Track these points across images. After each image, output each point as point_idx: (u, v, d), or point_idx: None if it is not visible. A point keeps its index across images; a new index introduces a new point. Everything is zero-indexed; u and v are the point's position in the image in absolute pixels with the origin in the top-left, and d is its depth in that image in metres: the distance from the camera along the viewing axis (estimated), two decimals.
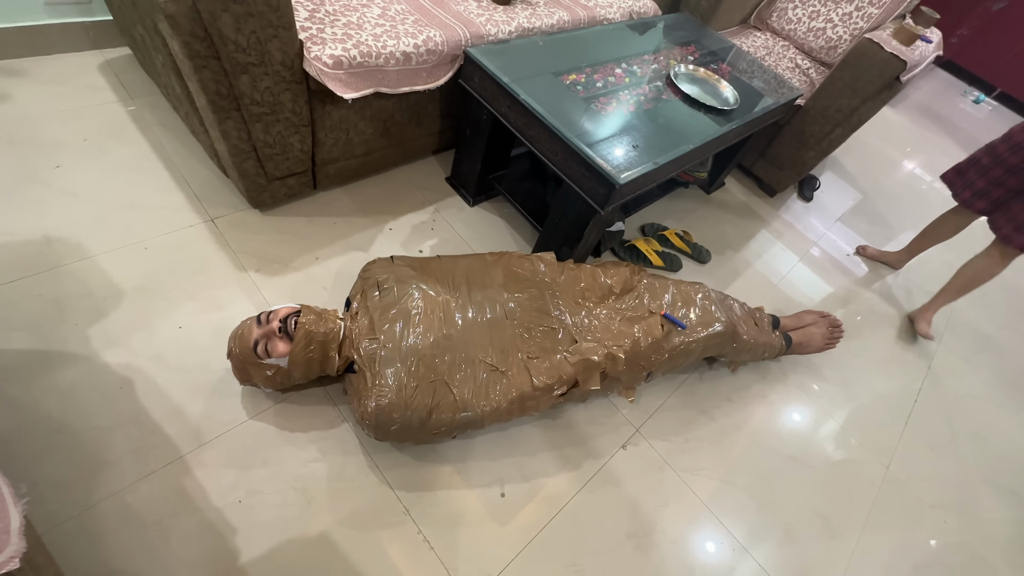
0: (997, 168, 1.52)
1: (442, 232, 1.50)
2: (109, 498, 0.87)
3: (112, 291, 1.10)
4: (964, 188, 1.63)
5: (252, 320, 0.96)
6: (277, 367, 0.94)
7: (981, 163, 1.57)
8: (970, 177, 1.60)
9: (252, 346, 0.93)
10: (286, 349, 0.93)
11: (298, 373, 0.96)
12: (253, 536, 0.89)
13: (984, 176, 1.56)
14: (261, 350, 0.93)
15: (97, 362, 1.00)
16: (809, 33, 2.05)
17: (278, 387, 0.99)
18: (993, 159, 1.53)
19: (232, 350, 0.95)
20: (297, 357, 0.93)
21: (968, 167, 1.62)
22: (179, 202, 1.29)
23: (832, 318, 1.52)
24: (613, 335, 1.13)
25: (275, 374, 0.95)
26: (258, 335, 0.93)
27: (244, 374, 0.96)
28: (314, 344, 0.94)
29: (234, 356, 0.95)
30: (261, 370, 0.95)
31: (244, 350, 0.93)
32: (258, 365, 0.94)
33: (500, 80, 1.21)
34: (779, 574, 1.12)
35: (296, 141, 1.20)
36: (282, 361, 0.93)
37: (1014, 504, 1.44)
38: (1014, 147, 1.47)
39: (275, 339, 0.93)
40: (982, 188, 1.57)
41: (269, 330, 0.93)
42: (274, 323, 0.94)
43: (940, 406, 1.62)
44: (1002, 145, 1.51)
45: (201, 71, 0.96)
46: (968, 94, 4.23)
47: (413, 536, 0.97)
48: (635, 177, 1.12)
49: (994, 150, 1.53)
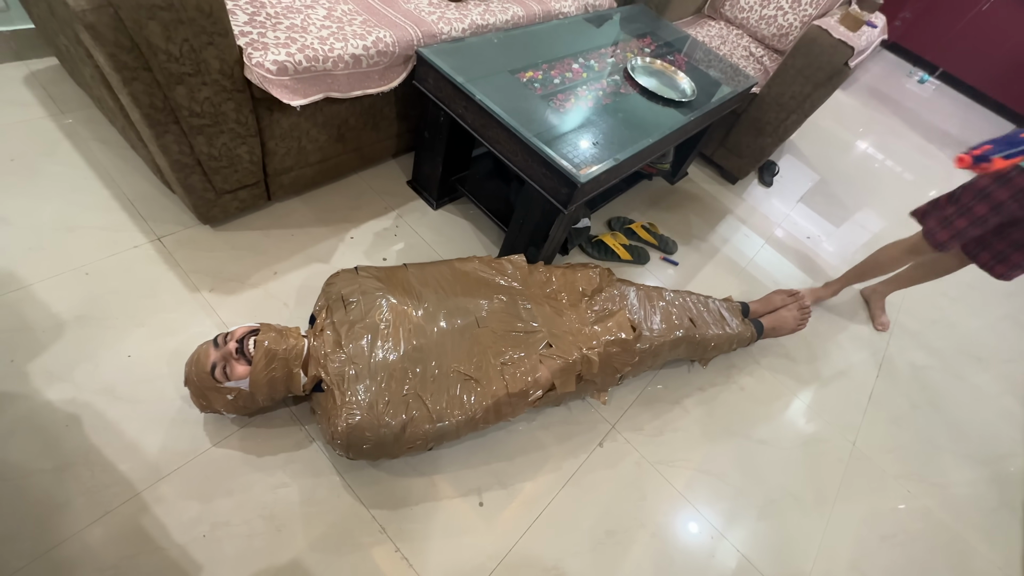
0: (982, 205, 1.32)
1: (406, 238, 1.47)
2: (60, 544, 0.82)
3: (51, 322, 1.03)
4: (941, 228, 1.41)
5: (209, 343, 0.91)
6: (238, 390, 0.90)
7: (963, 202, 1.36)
8: (951, 218, 1.39)
9: (210, 370, 0.88)
10: (245, 371, 0.89)
11: (261, 395, 0.91)
12: (220, 571, 0.86)
13: (966, 216, 1.35)
14: (219, 374, 0.88)
15: (38, 400, 0.93)
16: (761, 21, 2.09)
17: (242, 412, 0.95)
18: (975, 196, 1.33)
19: (190, 376, 0.90)
20: (258, 377, 0.89)
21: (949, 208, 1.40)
22: (121, 222, 1.22)
23: (801, 299, 1.56)
24: (586, 337, 1.13)
25: (236, 398, 0.91)
26: (215, 358, 0.89)
27: (204, 400, 0.91)
28: (275, 363, 0.90)
29: (192, 382, 0.90)
30: (221, 395, 0.90)
31: (201, 375, 0.89)
32: (218, 390, 0.89)
33: (455, 80, 1.18)
34: (756, 555, 1.15)
35: (244, 152, 1.14)
36: (243, 383, 0.89)
37: (970, 469, 1.52)
38: (1000, 179, 1.27)
39: (232, 361, 0.89)
40: (963, 228, 1.36)
41: (226, 352, 0.89)
42: (231, 344, 0.89)
43: (900, 380, 1.69)
44: (983, 179, 1.30)
45: (131, 83, 0.90)
46: (913, 74, 4.41)
47: (391, 555, 0.95)
48: (597, 175, 1.11)
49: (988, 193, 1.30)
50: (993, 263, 1.44)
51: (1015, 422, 1.72)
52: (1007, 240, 1.39)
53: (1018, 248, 1.38)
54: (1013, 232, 1.37)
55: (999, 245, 1.41)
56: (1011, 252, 1.40)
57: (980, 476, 1.51)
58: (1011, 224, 1.35)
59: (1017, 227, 1.35)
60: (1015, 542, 1.39)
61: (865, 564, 1.22)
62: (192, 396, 0.92)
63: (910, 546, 1.29)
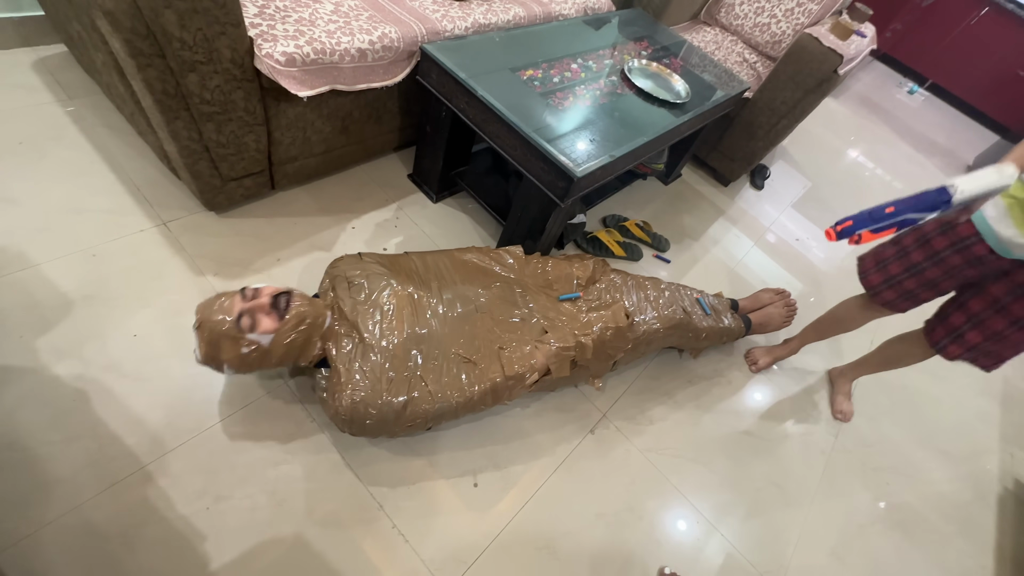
0: (919, 252, 1.14)
1: (406, 229, 1.50)
2: (68, 513, 0.84)
3: (59, 301, 1.05)
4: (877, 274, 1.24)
5: (235, 293, 0.88)
6: (258, 345, 0.86)
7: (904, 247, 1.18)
8: (888, 262, 1.21)
9: (236, 317, 0.84)
10: (272, 327, 0.86)
11: (277, 355, 0.89)
12: (224, 542, 0.88)
13: (903, 260, 1.18)
14: (245, 323, 0.85)
15: (47, 375, 0.96)
16: (755, 28, 2.14)
17: (243, 370, 0.90)
18: (918, 240, 1.15)
19: (206, 320, 0.85)
20: (283, 337, 0.88)
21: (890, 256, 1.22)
22: (128, 206, 1.24)
23: (787, 297, 1.61)
24: (581, 324, 1.17)
25: (251, 352, 0.87)
26: (244, 307, 0.85)
27: (214, 350, 0.86)
28: (303, 326, 0.90)
29: (207, 327, 0.84)
30: (237, 346, 0.85)
31: (224, 321, 0.84)
32: (236, 340, 0.85)
33: (457, 76, 1.22)
34: (739, 542, 1.19)
35: (251, 140, 1.18)
36: (264, 339, 0.87)
37: (947, 464, 1.58)
38: (944, 226, 1.09)
39: (262, 314, 0.86)
40: (896, 275, 1.19)
41: (258, 304, 0.87)
42: (264, 298, 0.88)
43: (880, 377, 1.74)
44: (931, 223, 1.12)
45: (145, 70, 0.93)
46: (903, 85, 4.51)
47: (388, 531, 0.98)
48: (593, 170, 1.15)
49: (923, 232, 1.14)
50: (947, 341, 1.20)
51: (991, 422, 1.78)
52: (965, 312, 1.15)
53: (976, 324, 1.13)
54: (971, 301, 1.14)
55: (956, 319, 1.18)
56: (968, 329, 1.15)
57: (957, 472, 1.56)
58: (968, 288, 1.14)
59: (976, 293, 1.13)
60: (988, 534, 1.44)
61: (844, 552, 1.27)
62: (200, 342, 0.85)
63: (888, 536, 1.34)
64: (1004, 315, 1.09)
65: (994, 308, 1.10)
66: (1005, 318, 1.09)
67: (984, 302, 1.12)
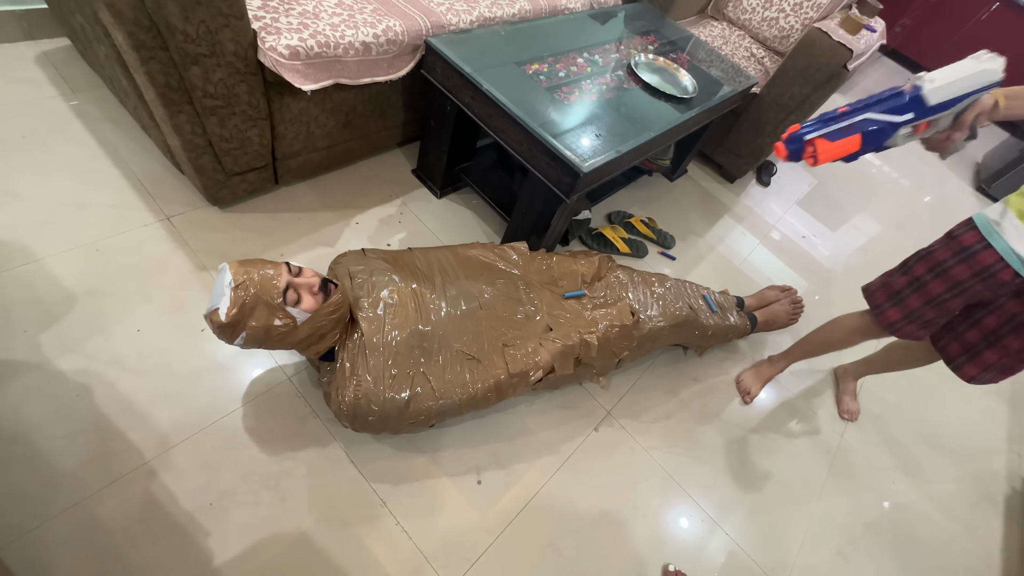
0: (938, 283, 1.06)
1: (410, 225, 1.49)
2: (71, 508, 0.84)
3: (63, 295, 1.05)
4: (892, 306, 1.15)
5: (281, 264, 0.87)
6: (292, 320, 0.86)
7: (915, 275, 1.11)
8: (903, 295, 1.13)
9: (284, 288, 0.84)
10: (312, 308, 0.87)
11: (300, 336, 0.88)
12: (227, 537, 0.88)
13: (921, 293, 1.10)
14: (290, 296, 0.84)
15: (50, 369, 0.96)
16: (763, 23, 2.12)
17: (259, 343, 0.86)
18: (933, 269, 1.07)
19: (248, 283, 0.81)
20: (317, 319, 0.87)
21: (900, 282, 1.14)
22: (131, 201, 1.24)
23: (793, 294, 1.60)
24: (586, 322, 1.16)
25: (282, 326, 0.85)
26: (291, 282, 0.85)
27: (246, 314, 0.81)
28: (336, 315, 0.90)
29: (249, 288, 0.81)
30: (272, 316, 0.83)
31: (272, 289, 0.83)
32: (274, 310, 0.83)
33: (463, 70, 1.21)
34: (745, 540, 1.19)
35: (254, 135, 1.17)
36: (301, 316, 0.86)
37: (954, 463, 1.56)
38: (961, 253, 1.02)
39: (307, 293, 0.87)
40: (917, 309, 1.11)
41: (307, 283, 0.87)
42: (313, 278, 0.88)
43: (889, 376, 1.73)
44: (944, 251, 1.05)
45: (148, 63, 0.93)
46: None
47: (391, 528, 0.98)
48: (599, 165, 1.14)
49: (933, 257, 1.07)
50: (964, 360, 1.15)
51: (999, 421, 1.76)
52: (980, 330, 1.10)
53: (993, 343, 1.09)
54: (987, 319, 1.09)
55: (971, 336, 1.12)
56: (984, 348, 1.11)
57: (963, 471, 1.55)
58: (982, 307, 1.09)
59: (990, 311, 1.08)
60: (995, 534, 1.43)
61: (849, 551, 1.26)
62: (234, 303, 0.80)
63: (893, 535, 1.33)
64: (1021, 333, 1.06)
65: (1011, 325, 1.06)
66: (1022, 336, 1.06)
67: (1000, 319, 1.07)
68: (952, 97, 0.73)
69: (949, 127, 0.78)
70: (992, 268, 0.98)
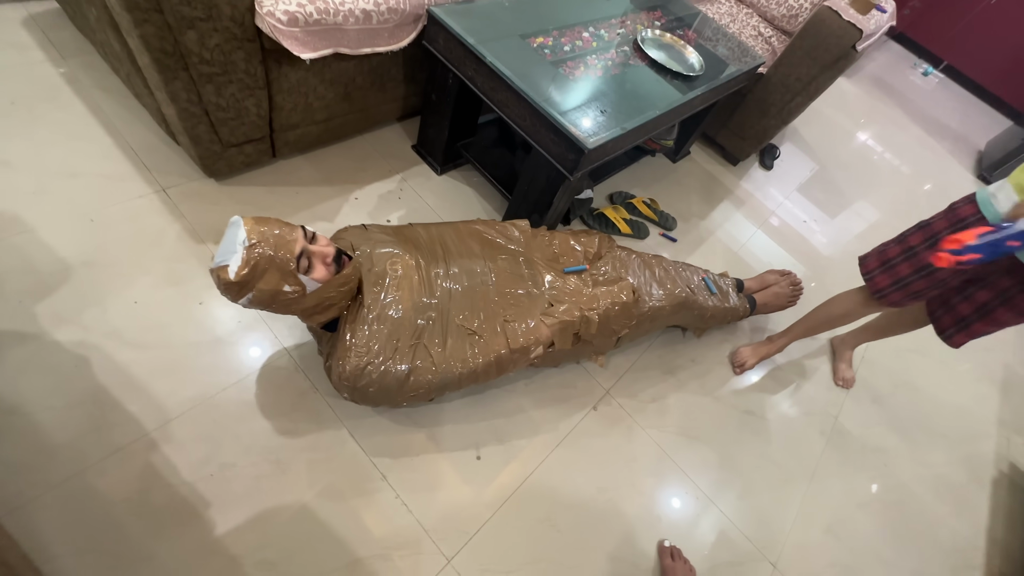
0: (929, 252, 1.08)
1: (410, 201, 1.47)
2: (73, 477, 0.84)
3: (58, 266, 1.03)
4: (883, 275, 1.18)
5: (297, 228, 0.84)
6: (302, 287, 0.83)
7: (910, 245, 1.14)
8: (894, 262, 1.16)
9: (297, 254, 0.81)
10: (324, 278, 0.85)
11: (307, 304, 0.86)
12: (228, 508, 0.89)
13: (912, 261, 1.12)
14: (303, 264, 0.82)
15: (47, 340, 0.95)
16: (771, 1, 2.07)
17: (263, 306, 0.84)
18: (928, 240, 1.11)
19: (263, 243, 0.78)
20: (327, 290, 0.86)
21: (895, 252, 1.17)
22: (126, 171, 1.21)
23: (792, 277, 1.60)
24: (587, 298, 1.15)
25: (291, 292, 0.82)
26: (306, 249, 0.83)
27: (255, 275, 0.78)
28: (345, 288, 0.89)
29: (264, 249, 0.78)
30: (282, 281, 0.81)
31: (287, 253, 0.80)
32: (285, 275, 0.81)
33: (466, 42, 1.18)
34: (738, 517, 1.21)
35: (252, 105, 1.14)
36: (312, 285, 0.84)
37: (944, 447, 1.59)
38: (956, 225, 1.05)
39: (321, 263, 0.85)
40: (905, 276, 1.14)
41: (322, 252, 0.85)
42: (328, 248, 0.86)
43: (884, 359, 1.75)
44: (941, 222, 1.09)
45: (142, 25, 0.89)
46: (917, 66, 4.40)
47: (391, 501, 0.98)
48: (603, 142, 1.12)
49: (932, 229, 1.10)
50: (955, 331, 1.20)
51: (990, 406, 1.79)
52: (972, 303, 1.13)
53: (984, 316, 1.12)
54: (979, 293, 1.12)
55: (963, 309, 1.16)
56: (975, 320, 1.14)
57: (953, 455, 1.58)
58: (976, 282, 1.12)
59: (983, 286, 1.11)
60: (981, 515, 1.46)
61: (840, 529, 1.29)
62: (246, 262, 0.77)
63: (883, 515, 1.36)
64: (1010, 307, 1.08)
65: (1001, 299, 1.09)
66: (1011, 310, 1.08)
67: (991, 293, 1.10)
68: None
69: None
70: None
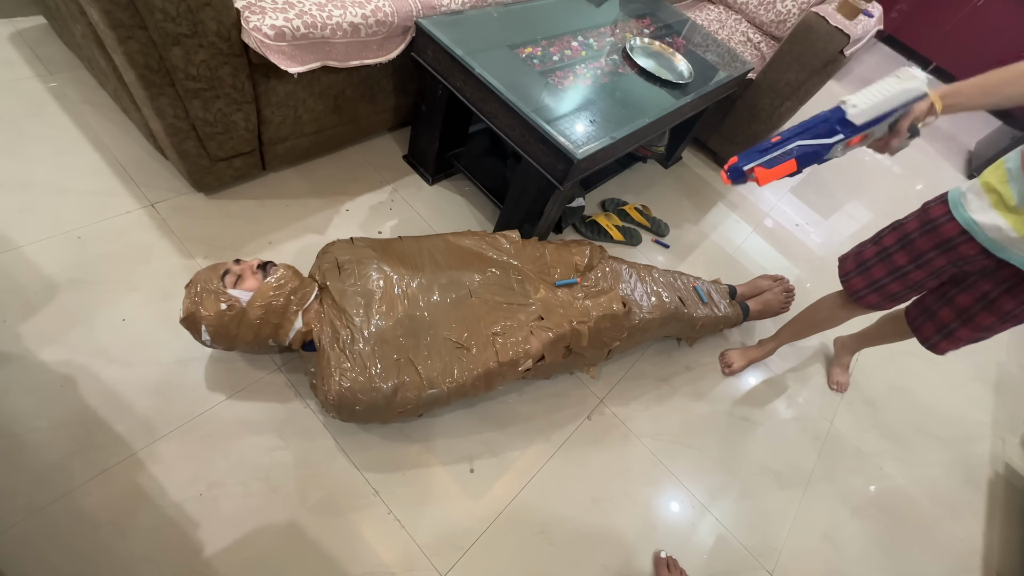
0: (902, 254, 1.07)
1: (401, 212, 1.47)
2: (57, 500, 0.83)
3: (44, 284, 1.02)
4: (859, 276, 1.17)
5: (225, 263, 0.95)
6: (236, 302, 0.89)
7: (884, 245, 1.12)
8: (869, 264, 1.15)
9: (221, 274, 0.91)
10: (255, 286, 0.92)
11: (252, 316, 0.90)
12: (217, 529, 0.88)
13: (886, 263, 1.11)
14: (229, 280, 0.91)
15: (32, 361, 0.94)
16: (760, 7, 2.08)
17: (221, 335, 0.90)
18: (900, 240, 1.09)
19: (197, 277, 0.92)
20: (263, 296, 0.91)
21: (870, 253, 1.15)
22: (113, 187, 1.20)
23: (785, 282, 1.60)
24: (578, 311, 1.15)
25: (228, 310, 0.88)
26: (231, 268, 0.93)
27: (195, 306, 0.88)
28: (283, 291, 0.93)
29: (195, 281, 0.91)
30: (217, 302, 0.88)
31: (211, 275, 0.91)
32: (217, 295, 0.89)
33: (454, 53, 1.18)
34: (734, 525, 1.20)
35: (240, 119, 1.13)
36: (244, 296, 0.90)
37: (939, 449, 1.59)
38: (926, 225, 1.03)
39: (248, 274, 0.93)
40: (880, 279, 1.13)
41: (246, 266, 0.94)
42: (253, 261, 0.95)
43: (878, 363, 1.75)
44: (913, 222, 1.07)
45: (126, 43, 0.89)
46: (907, 68, 4.43)
47: (383, 517, 0.97)
48: (593, 152, 1.12)
49: (903, 228, 1.09)
50: (939, 338, 1.16)
51: (984, 408, 1.79)
52: (954, 308, 1.10)
53: (967, 320, 1.09)
54: (960, 296, 1.08)
55: (945, 315, 1.12)
56: (958, 326, 1.10)
57: (949, 456, 1.58)
58: (954, 283, 1.09)
59: (964, 289, 1.07)
60: (978, 518, 1.46)
61: (836, 534, 1.28)
62: (185, 298, 0.90)
63: (879, 519, 1.35)
64: (992, 310, 1.05)
65: (983, 303, 1.06)
66: (994, 313, 1.05)
67: (972, 297, 1.07)
68: (877, 116, 0.75)
69: (887, 134, 0.82)
70: (954, 240, 0.99)
